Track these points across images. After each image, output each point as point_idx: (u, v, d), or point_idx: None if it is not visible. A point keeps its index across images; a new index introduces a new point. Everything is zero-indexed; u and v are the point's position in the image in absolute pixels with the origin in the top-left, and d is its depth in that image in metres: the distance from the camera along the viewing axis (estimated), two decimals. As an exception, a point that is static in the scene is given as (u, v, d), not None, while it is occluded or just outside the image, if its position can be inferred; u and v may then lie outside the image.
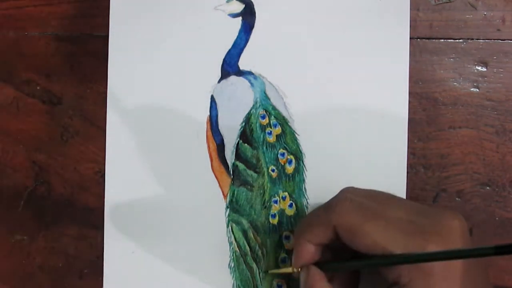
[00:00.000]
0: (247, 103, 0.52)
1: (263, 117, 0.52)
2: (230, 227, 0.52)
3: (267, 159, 0.51)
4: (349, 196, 0.40)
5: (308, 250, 0.41)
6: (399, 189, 0.50)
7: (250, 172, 0.52)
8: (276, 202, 0.51)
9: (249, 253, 0.51)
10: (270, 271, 0.50)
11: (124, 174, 0.53)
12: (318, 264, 0.42)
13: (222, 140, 0.52)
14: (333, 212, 0.39)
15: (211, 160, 0.52)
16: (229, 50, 0.52)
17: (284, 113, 0.51)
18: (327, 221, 0.39)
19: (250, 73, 0.52)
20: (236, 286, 0.52)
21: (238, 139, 0.52)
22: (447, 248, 0.36)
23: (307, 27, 0.51)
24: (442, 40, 0.50)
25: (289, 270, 0.45)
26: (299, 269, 0.43)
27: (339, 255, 0.43)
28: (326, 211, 0.40)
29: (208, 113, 0.52)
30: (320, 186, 0.51)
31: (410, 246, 0.36)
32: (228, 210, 0.52)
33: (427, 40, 0.50)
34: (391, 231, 0.37)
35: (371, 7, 0.50)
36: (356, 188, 0.42)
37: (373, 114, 0.50)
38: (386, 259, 0.37)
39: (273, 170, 0.51)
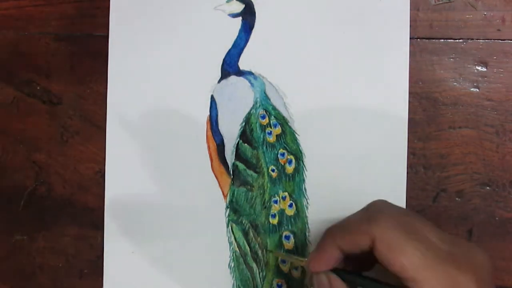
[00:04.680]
0: (247, 103, 0.52)
1: (263, 117, 0.52)
2: (230, 227, 0.52)
3: (267, 159, 0.51)
4: (390, 212, 0.40)
5: (334, 255, 0.41)
6: (399, 189, 0.50)
7: (250, 172, 0.52)
8: (276, 202, 0.51)
9: (249, 253, 0.51)
10: (276, 253, 0.50)
11: (124, 174, 0.53)
12: (335, 271, 0.42)
13: (222, 140, 0.52)
14: (376, 224, 0.39)
15: (211, 160, 0.52)
16: (229, 50, 0.52)
17: (284, 113, 0.51)
18: (368, 232, 0.39)
19: (250, 73, 0.52)
20: (236, 286, 0.52)
21: (238, 139, 0.52)
22: (477, 282, 0.37)
23: (307, 27, 0.51)
24: (442, 40, 0.50)
25: (301, 262, 0.45)
26: (311, 269, 0.42)
27: (353, 266, 0.43)
28: (368, 221, 0.39)
29: (208, 113, 0.52)
30: (320, 186, 0.51)
31: (444, 274, 0.37)
32: (228, 210, 0.52)
33: (427, 40, 0.50)
34: (430, 255, 0.37)
35: (371, 7, 0.50)
36: (390, 204, 0.42)
37: (373, 114, 0.50)
38: None
39: (273, 170, 0.51)
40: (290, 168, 0.51)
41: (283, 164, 0.51)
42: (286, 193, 0.51)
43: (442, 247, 0.38)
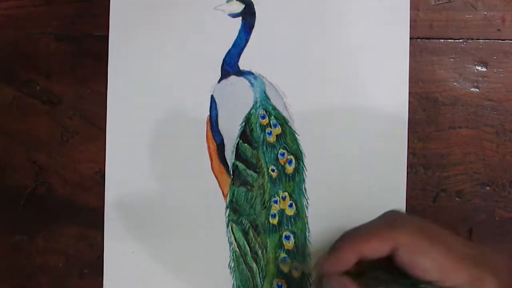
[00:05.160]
0: (247, 103, 0.52)
1: (263, 117, 0.52)
2: (230, 227, 0.52)
3: (267, 159, 0.51)
4: (410, 219, 0.41)
5: (351, 259, 0.40)
6: (399, 189, 0.50)
7: (250, 172, 0.52)
8: (276, 202, 0.51)
9: (249, 253, 0.51)
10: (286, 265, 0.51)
11: (124, 174, 0.53)
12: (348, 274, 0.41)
13: (222, 140, 0.52)
14: (399, 230, 0.39)
15: (211, 160, 0.52)
16: (229, 50, 0.52)
17: (284, 113, 0.51)
18: (390, 237, 0.39)
19: (250, 73, 0.52)
20: (236, 286, 0.52)
21: (238, 139, 0.52)
22: (499, 284, 0.37)
23: (307, 27, 0.51)
24: (442, 40, 0.50)
25: (310, 268, 0.45)
26: (325, 272, 0.42)
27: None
28: (391, 227, 0.40)
29: (208, 113, 0.52)
30: (320, 186, 0.51)
31: (467, 275, 0.37)
32: (228, 210, 0.52)
33: (427, 40, 0.50)
34: (453, 258, 0.38)
35: (371, 7, 0.50)
36: (405, 213, 0.44)
37: (373, 114, 0.50)
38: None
39: (273, 170, 0.51)
40: (290, 168, 0.51)
41: (283, 164, 0.51)
42: (286, 193, 0.51)
43: (463, 250, 0.39)
